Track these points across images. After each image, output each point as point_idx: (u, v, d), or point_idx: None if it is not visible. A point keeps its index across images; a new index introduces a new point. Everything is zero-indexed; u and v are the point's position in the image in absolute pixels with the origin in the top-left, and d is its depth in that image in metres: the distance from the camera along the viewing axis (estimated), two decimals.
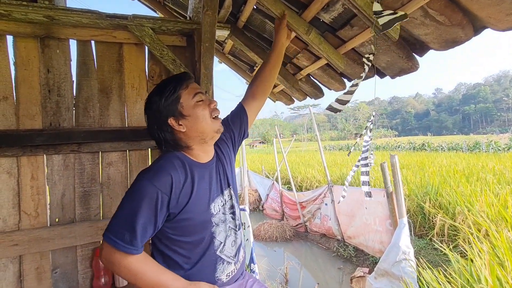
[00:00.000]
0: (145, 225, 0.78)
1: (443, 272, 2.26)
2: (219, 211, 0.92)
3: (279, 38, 1.22)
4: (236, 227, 0.99)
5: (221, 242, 0.92)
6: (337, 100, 1.26)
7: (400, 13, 0.99)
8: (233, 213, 0.99)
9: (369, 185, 1.58)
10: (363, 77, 1.20)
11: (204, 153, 0.93)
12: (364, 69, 1.17)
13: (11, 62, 1.33)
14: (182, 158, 0.88)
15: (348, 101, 1.25)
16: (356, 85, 1.22)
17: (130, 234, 0.76)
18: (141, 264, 0.79)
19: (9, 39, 1.33)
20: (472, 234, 2.98)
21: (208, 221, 0.88)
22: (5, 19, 1.27)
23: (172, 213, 0.82)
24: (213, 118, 0.91)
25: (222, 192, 0.95)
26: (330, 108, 1.28)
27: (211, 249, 0.89)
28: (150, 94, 0.93)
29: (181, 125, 0.88)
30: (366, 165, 1.48)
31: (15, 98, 1.33)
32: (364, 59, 1.17)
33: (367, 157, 1.46)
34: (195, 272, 0.87)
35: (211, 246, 0.89)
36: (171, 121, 0.88)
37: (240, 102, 1.16)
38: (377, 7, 1.00)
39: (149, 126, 0.93)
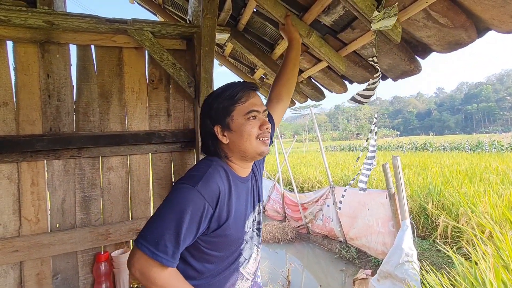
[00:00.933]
0: (186, 238, 0.73)
1: (446, 275, 2.24)
2: (250, 228, 0.89)
3: (293, 34, 1.22)
4: (259, 244, 0.96)
5: (246, 259, 0.89)
6: (359, 95, 1.26)
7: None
8: (259, 229, 0.96)
9: (365, 184, 1.60)
10: (380, 75, 1.19)
11: (243, 168, 0.89)
12: (377, 68, 1.16)
13: (11, 68, 1.33)
14: (227, 170, 0.84)
15: (371, 96, 1.24)
16: (374, 83, 1.21)
17: (174, 247, 0.70)
18: (175, 278, 0.74)
19: (9, 44, 1.33)
20: (476, 236, 2.95)
21: (241, 238, 0.85)
22: (4, 24, 1.27)
23: (211, 227, 0.78)
24: (260, 140, 0.84)
25: (254, 208, 0.92)
26: (354, 99, 1.28)
27: (235, 265, 0.86)
28: (211, 92, 0.89)
29: (224, 136, 0.84)
30: (369, 169, 1.48)
31: (15, 104, 1.33)
32: (371, 62, 1.16)
33: (371, 163, 1.45)
34: (213, 284, 0.84)
35: (236, 262, 0.86)
36: (217, 128, 0.85)
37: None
38: (375, 14, 0.99)
39: (200, 123, 0.90)
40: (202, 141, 0.91)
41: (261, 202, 0.97)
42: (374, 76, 1.20)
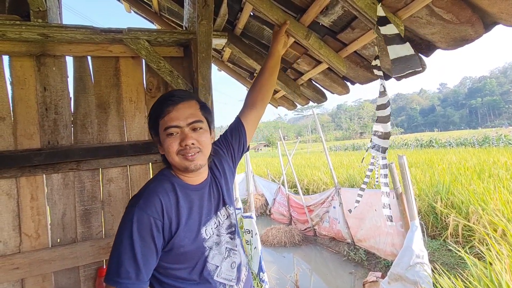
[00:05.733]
0: (146, 256, 0.74)
1: (460, 277, 2.16)
2: (213, 234, 0.87)
3: (276, 46, 1.18)
4: (235, 247, 0.94)
5: (217, 266, 0.87)
6: (375, 133, 1.21)
7: (409, 50, 0.93)
8: (232, 232, 0.94)
9: (390, 208, 1.52)
10: (386, 92, 1.14)
11: (192, 176, 0.88)
12: (382, 85, 1.11)
13: (8, 82, 1.31)
14: (173, 181, 0.84)
15: (389, 133, 1.19)
16: (383, 106, 1.16)
17: (134, 269, 0.71)
18: None
19: (5, 59, 1.31)
20: (488, 235, 2.87)
21: (200, 246, 0.83)
22: None
23: (166, 238, 0.78)
24: (181, 155, 0.82)
25: (215, 213, 0.91)
26: (375, 147, 1.23)
27: (205, 274, 0.84)
28: None
29: (161, 147, 0.86)
30: (386, 184, 1.41)
31: (12, 118, 1.31)
32: (375, 70, 1.11)
33: (386, 174, 1.39)
34: None
35: (204, 271, 0.84)
36: (156, 140, 0.87)
37: (237, 116, 1.12)
38: (380, 11, 0.95)
39: None
40: None
41: (227, 206, 0.95)
42: (380, 90, 1.14)
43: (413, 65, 0.94)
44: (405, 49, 0.93)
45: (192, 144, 0.81)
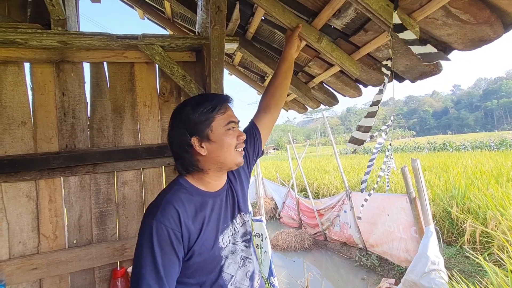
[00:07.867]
0: (168, 267, 0.74)
1: (479, 286, 2.08)
2: (229, 242, 0.86)
3: (289, 50, 1.18)
4: (249, 255, 0.92)
5: (232, 275, 0.85)
6: (359, 128, 1.20)
7: (433, 49, 0.92)
8: (247, 240, 0.93)
9: (365, 184, 1.57)
10: (383, 91, 1.12)
11: (216, 181, 0.89)
12: (384, 82, 1.10)
13: (28, 88, 1.37)
14: (190, 190, 0.84)
15: (371, 127, 1.18)
16: (377, 103, 1.15)
17: (157, 283, 0.71)
18: None
19: (26, 66, 1.37)
20: (508, 241, 2.75)
21: (217, 255, 0.83)
22: (22, 47, 1.31)
23: (186, 248, 0.78)
24: (237, 150, 0.87)
25: (231, 221, 0.90)
26: (353, 140, 1.22)
27: (220, 283, 0.83)
28: (184, 103, 0.89)
29: (202, 147, 0.83)
30: (371, 166, 1.42)
31: (32, 123, 1.36)
32: (383, 68, 1.10)
33: (372, 164, 1.40)
34: None
35: (219, 280, 0.83)
36: (194, 140, 0.83)
37: (251, 120, 1.12)
38: (396, 19, 0.93)
39: (171, 136, 0.87)
40: (174, 155, 0.88)
41: (243, 213, 0.94)
42: (381, 88, 1.12)
43: (441, 57, 0.94)
44: (429, 49, 0.94)
45: (244, 139, 0.88)
